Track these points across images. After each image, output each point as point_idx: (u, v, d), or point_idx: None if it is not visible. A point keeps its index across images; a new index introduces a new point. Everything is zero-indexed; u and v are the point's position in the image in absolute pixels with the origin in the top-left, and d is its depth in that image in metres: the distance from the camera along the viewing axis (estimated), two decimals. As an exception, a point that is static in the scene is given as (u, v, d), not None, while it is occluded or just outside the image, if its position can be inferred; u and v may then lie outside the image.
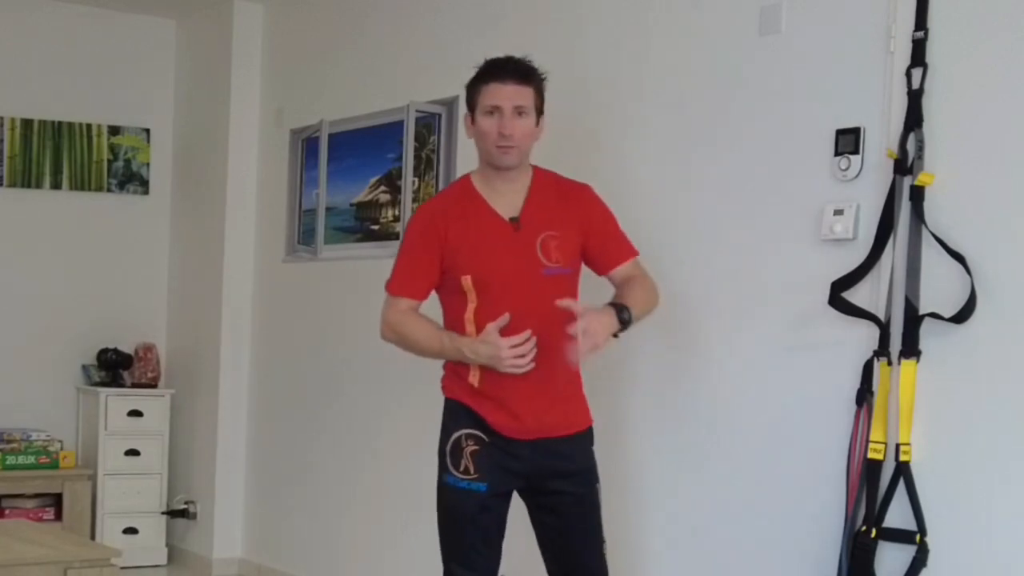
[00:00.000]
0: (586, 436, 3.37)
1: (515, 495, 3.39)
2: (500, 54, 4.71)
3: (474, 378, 3.27)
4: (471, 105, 3.32)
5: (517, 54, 3.36)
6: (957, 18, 3.20)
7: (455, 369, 3.34)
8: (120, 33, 6.41)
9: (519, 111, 3.24)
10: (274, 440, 5.89)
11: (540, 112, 3.32)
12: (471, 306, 3.25)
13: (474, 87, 3.31)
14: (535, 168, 3.39)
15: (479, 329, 3.24)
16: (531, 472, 3.28)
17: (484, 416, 3.27)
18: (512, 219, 3.29)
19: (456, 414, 3.32)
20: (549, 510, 3.34)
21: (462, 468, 3.25)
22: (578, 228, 3.34)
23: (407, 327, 3.32)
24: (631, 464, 3.97)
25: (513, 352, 3.16)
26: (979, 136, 3.14)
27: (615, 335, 3.21)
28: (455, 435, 3.29)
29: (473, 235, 3.26)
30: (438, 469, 3.34)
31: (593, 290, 3.45)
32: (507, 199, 3.30)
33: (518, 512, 3.43)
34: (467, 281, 3.25)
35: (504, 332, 3.20)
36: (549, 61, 4.41)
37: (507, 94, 3.23)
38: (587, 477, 3.34)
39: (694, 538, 3.82)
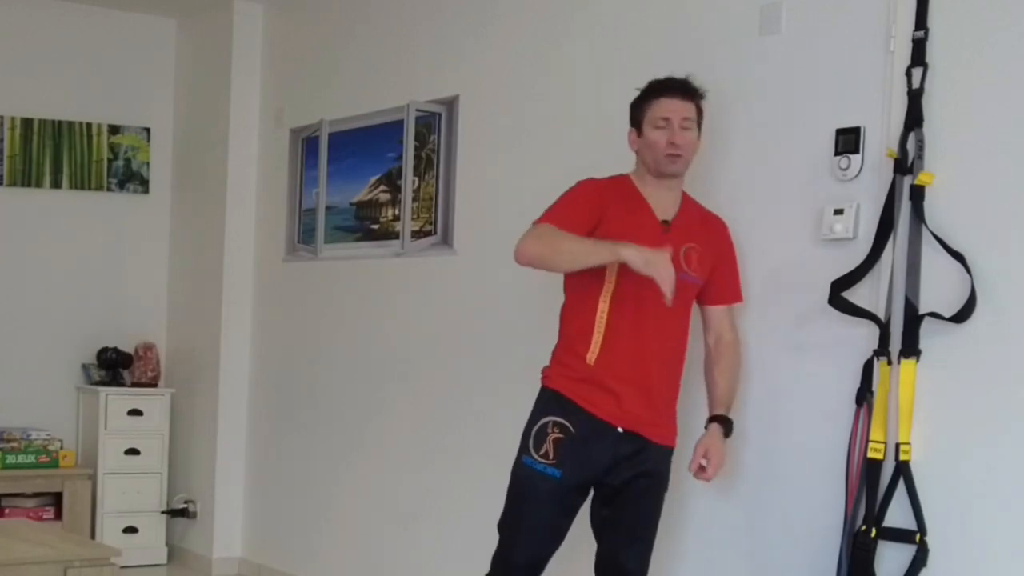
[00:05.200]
0: (669, 451, 3.51)
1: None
2: (496, 55, 4.73)
3: (592, 354, 3.38)
4: (637, 121, 3.48)
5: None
6: (957, 18, 3.20)
7: (571, 349, 3.44)
8: (120, 33, 6.41)
9: (685, 124, 3.42)
10: (274, 439, 5.89)
11: (699, 127, 3.49)
12: (608, 287, 3.40)
13: (642, 103, 3.48)
14: (683, 191, 3.56)
15: (611, 310, 3.38)
16: (611, 463, 3.40)
17: (582, 403, 3.38)
18: (664, 221, 3.46)
19: (550, 402, 3.44)
20: (615, 504, 3.45)
21: (542, 452, 3.37)
22: (713, 252, 3.53)
23: (556, 235, 3.33)
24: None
25: (666, 261, 3.22)
26: (979, 136, 3.14)
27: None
28: (543, 420, 3.41)
29: (629, 220, 3.42)
30: (519, 449, 3.44)
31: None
32: (662, 205, 3.48)
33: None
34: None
35: (629, 328, 3.38)
36: (548, 61, 4.43)
37: (676, 108, 3.42)
38: (659, 481, 3.48)
39: (694, 537, 3.82)
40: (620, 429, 3.38)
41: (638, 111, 3.49)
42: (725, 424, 3.50)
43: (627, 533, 3.46)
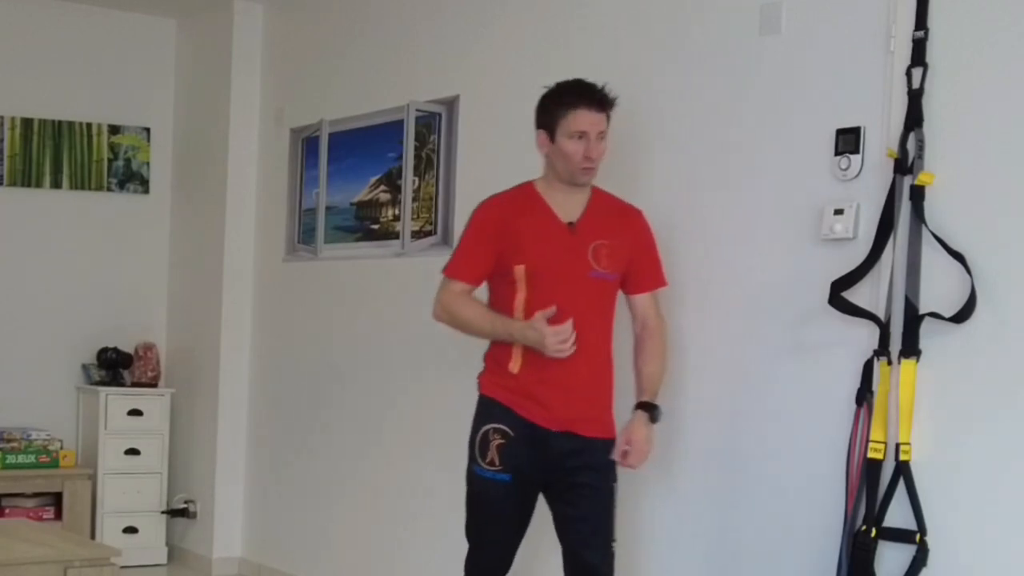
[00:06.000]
0: (609, 444, 3.54)
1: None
2: (496, 55, 4.72)
3: (515, 365, 3.49)
4: (550, 125, 3.48)
5: (589, 78, 3.54)
6: (957, 18, 3.20)
7: (496, 359, 3.55)
8: (120, 33, 6.41)
9: (600, 136, 3.48)
10: (274, 440, 5.89)
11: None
12: (520, 295, 3.49)
13: (558, 109, 3.48)
14: (594, 187, 3.59)
15: (527, 317, 3.46)
16: (556, 461, 3.48)
17: (516, 409, 3.48)
18: (570, 223, 3.50)
19: (488, 409, 3.55)
20: (566, 501, 3.51)
21: (488, 459, 3.50)
22: (628, 244, 3.56)
23: (459, 308, 3.55)
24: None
25: (557, 339, 3.37)
26: (979, 136, 3.14)
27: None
28: (483, 429, 3.53)
29: (532, 230, 3.50)
30: (468, 459, 3.57)
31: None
32: (567, 207, 3.53)
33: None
34: (520, 270, 3.47)
35: (549, 323, 3.41)
36: (548, 61, 4.42)
37: (593, 121, 3.46)
38: (606, 474, 3.52)
39: (693, 538, 3.82)
40: (554, 430, 3.47)
41: (551, 117, 3.48)
42: (650, 410, 3.51)
43: (584, 527, 3.50)
